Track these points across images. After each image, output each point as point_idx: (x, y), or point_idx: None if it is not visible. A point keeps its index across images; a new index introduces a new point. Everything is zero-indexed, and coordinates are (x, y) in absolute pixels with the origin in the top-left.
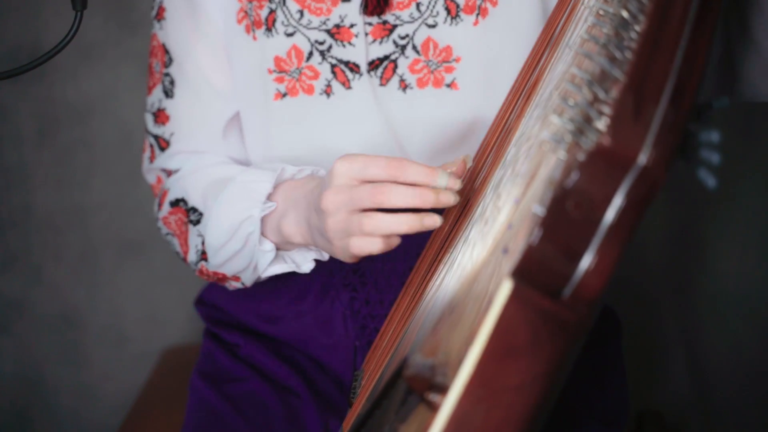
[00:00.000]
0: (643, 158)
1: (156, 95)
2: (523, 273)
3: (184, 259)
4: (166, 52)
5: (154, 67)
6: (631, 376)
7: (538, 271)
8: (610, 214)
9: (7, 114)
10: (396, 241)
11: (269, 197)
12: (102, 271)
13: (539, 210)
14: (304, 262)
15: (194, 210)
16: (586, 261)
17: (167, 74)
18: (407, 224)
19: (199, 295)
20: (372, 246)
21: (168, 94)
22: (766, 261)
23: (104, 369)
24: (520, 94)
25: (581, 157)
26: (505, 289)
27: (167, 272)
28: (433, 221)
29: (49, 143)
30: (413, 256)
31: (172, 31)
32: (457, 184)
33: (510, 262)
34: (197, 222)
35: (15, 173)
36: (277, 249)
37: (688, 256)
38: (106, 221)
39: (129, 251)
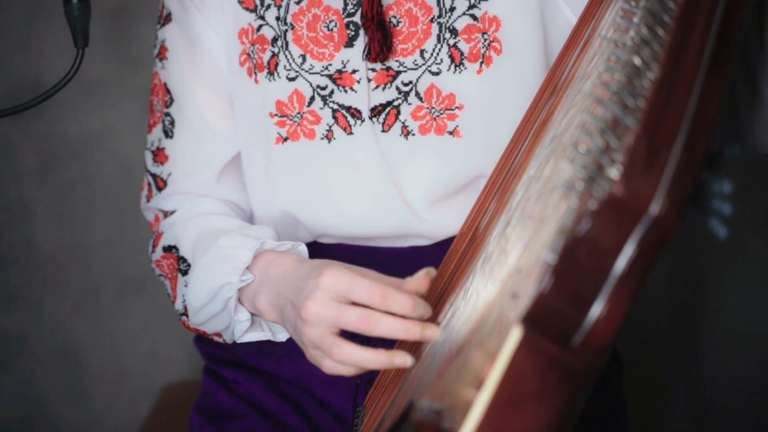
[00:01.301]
0: (655, 208)
1: (156, 134)
2: (534, 320)
3: (173, 303)
4: (168, 91)
5: (155, 105)
6: (633, 413)
7: (548, 318)
8: (621, 263)
9: (9, 150)
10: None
11: (248, 267)
12: (103, 308)
13: (550, 257)
14: (280, 332)
15: (184, 260)
16: (597, 309)
17: (168, 114)
18: (377, 363)
19: None
20: (343, 371)
21: (168, 134)
22: (765, 298)
23: (105, 405)
24: (525, 140)
25: (593, 205)
26: (514, 336)
27: (168, 309)
28: (404, 361)
29: (50, 179)
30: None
31: (174, 71)
32: (429, 312)
33: (519, 308)
34: (185, 272)
35: (16, 209)
36: (255, 315)
37: (688, 292)
38: (107, 257)
39: (129, 287)
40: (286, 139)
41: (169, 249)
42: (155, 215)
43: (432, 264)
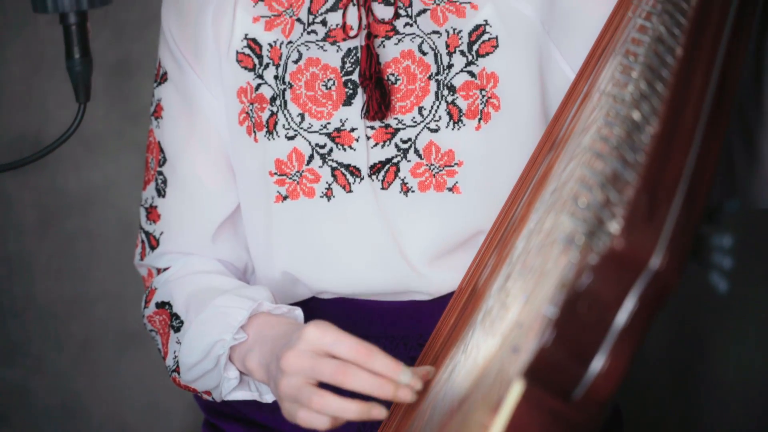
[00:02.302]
0: (655, 262)
1: (149, 191)
2: (535, 374)
3: (163, 359)
4: (161, 150)
5: (149, 162)
6: None
7: (549, 372)
8: (622, 317)
9: (10, 204)
10: (342, 422)
11: (243, 327)
12: (103, 361)
13: (551, 311)
14: (267, 392)
15: (177, 316)
16: (598, 363)
17: (160, 173)
18: (354, 413)
19: None
20: (319, 422)
21: (160, 192)
22: (765, 350)
23: None
24: (524, 194)
25: (593, 259)
26: (516, 390)
27: None
28: (379, 413)
29: (50, 233)
30: (415, 347)
31: (168, 131)
32: (418, 385)
33: (521, 362)
34: (177, 329)
35: (16, 263)
36: (244, 374)
37: (689, 346)
38: (107, 311)
39: (130, 341)
40: (285, 198)
41: (162, 305)
42: (149, 271)
43: (431, 318)
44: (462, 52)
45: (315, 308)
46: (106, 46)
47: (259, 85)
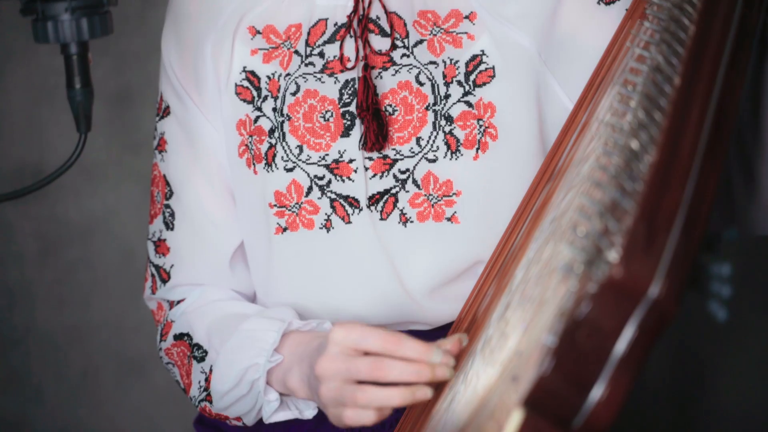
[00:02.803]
0: (654, 290)
1: (157, 225)
2: (534, 403)
3: (185, 391)
4: (167, 183)
5: (155, 196)
6: None
7: (549, 401)
8: (621, 346)
9: (10, 233)
10: (388, 412)
11: (276, 349)
12: (102, 390)
13: (550, 340)
14: (306, 409)
15: (198, 347)
16: (597, 391)
17: (168, 206)
18: (400, 398)
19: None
20: (366, 418)
21: (168, 225)
22: (765, 381)
23: None
24: (524, 223)
25: (592, 288)
26: (516, 419)
27: (167, 391)
28: (424, 394)
29: (51, 262)
30: None
31: (173, 164)
32: (451, 361)
33: (520, 391)
34: (201, 359)
35: (17, 292)
36: (284, 395)
37: (688, 374)
38: (107, 340)
39: (129, 370)
40: (285, 229)
41: (181, 337)
42: (158, 304)
43: None
44: (459, 83)
45: None
46: (107, 76)
47: (257, 117)
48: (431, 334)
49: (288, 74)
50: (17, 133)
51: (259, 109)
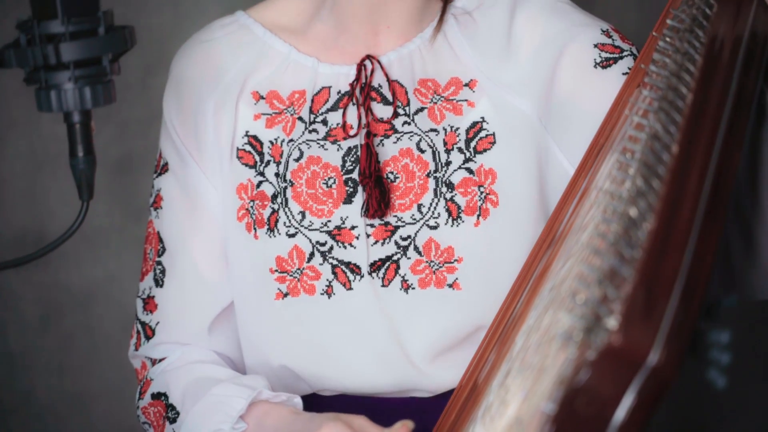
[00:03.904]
0: (653, 358)
1: (147, 282)
2: None
3: None
4: (161, 240)
5: (148, 253)
6: None
7: None
8: (621, 413)
9: (12, 300)
10: None
11: (242, 416)
12: None
13: (550, 408)
14: None
15: (172, 407)
16: None
17: (159, 263)
18: None
19: None
20: None
21: (158, 282)
22: None
23: None
24: (524, 290)
25: (591, 355)
26: None
27: None
28: None
29: (52, 329)
30: None
31: (168, 221)
32: None
33: None
34: (173, 420)
35: (18, 359)
36: None
37: None
38: (107, 408)
39: None
40: (286, 295)
41: (158, 396)
42: (142, 363)
43: (432, 415)
44: (460, 149)
45: (316, 405)
46: (109, 143)
47: (260, 182)
48: (433, 402)
49: (291, 140)
50: (19, 200)
51: (262, 174)
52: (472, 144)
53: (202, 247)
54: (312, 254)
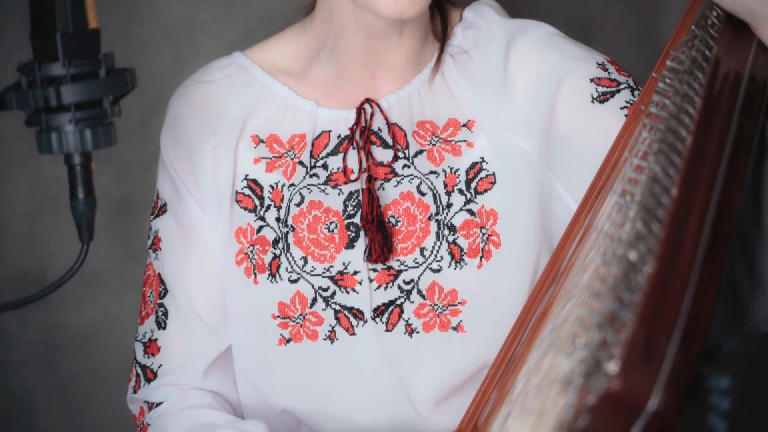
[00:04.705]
0: (653, 403)
1: (148, 325)
2: None
3: None
4: (162, 282)
5: (148, 297)
6: None
7: None
8: None
9: (11, 341)
10: None
11: None
12: None
13: None
14: None
15: None
16: None
17: (161, 305)
18: None
19: None
20: None
21: (160, 325)
22: None
23: None
24: (525, 330)
25: (591, 400)
26: None
27: None
28: None
29: (51, 370)
30: None
31: (168, 262)
32: None
33: None
34: None
35: (17, 401)
36: None
37: None
38: None
39: None
40: (288, 341)
41: None
42: (140, 408)
43: None
44: (460, 191)
45: None
46: (109, 184)
47: (261, 227)
48: None
49: (292, 184)
50: (19, 241)
51: (262, 218)
52: (473, 185)
53: (202, 288)
54: (314, 300)
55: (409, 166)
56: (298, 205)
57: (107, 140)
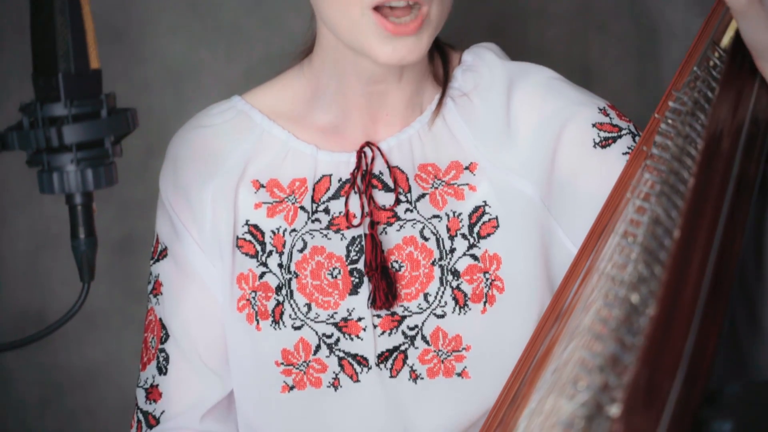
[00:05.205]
0: None
1: (150, 371)
2: None
3: None
4: (163, 327)
5: (149, 342)
6: None
7: None
8: None
9: (11, 381)
10: None
11: None
12: None
13: None
14: None
15: None
16: None
17: (162, 350)
18: None
19: None
20: None
21: (162, 370)
22: None
23: None
24: (528, 368)
25: None
26: None
27: None
28: None
29: (51, 411)
30: None
31: (169, 306)
32: None
33: None
34: None
35: None
36: None
37: None
38: None
39: None
40: (292, 388)
41: None
42: None
43: None
44: (463, 235)
45: None
46: (109, 224)
47: (263, 273)
48: None
49: (294, 230)
50: (19, 281)
51: (264, 264)
52: (476, 229)
53: (204, 330)
54: (318, 346)
55: (411, 210)
56: (301, 251)
57: (108, 180)
